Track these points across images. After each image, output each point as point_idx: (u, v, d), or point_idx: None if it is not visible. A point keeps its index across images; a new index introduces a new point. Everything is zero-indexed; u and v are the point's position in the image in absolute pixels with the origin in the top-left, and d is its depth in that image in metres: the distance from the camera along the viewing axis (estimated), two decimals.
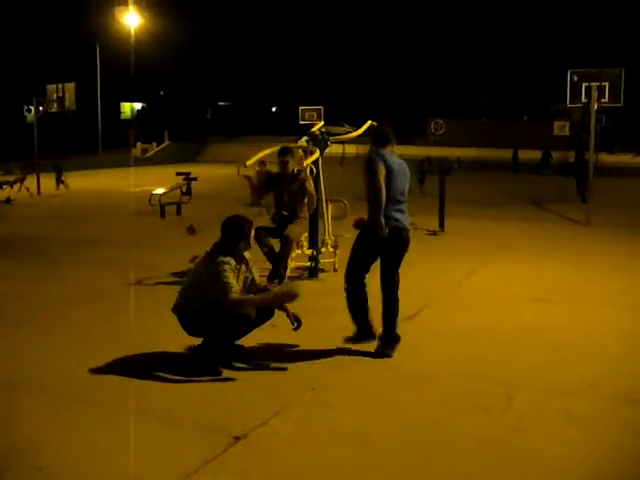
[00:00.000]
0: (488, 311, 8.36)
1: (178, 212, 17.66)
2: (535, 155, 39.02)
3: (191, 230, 13.18)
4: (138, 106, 66.57)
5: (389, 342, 6.63)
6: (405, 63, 67.33)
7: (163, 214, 17.16)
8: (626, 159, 43.01)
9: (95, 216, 16.61)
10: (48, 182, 23.86)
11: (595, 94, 16.44)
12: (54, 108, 25.34)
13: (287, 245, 9.53)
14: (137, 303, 8.49)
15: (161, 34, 51.67)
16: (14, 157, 28.60)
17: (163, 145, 49.78)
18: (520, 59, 64.61)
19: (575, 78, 16.90)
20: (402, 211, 6.63)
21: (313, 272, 10.04)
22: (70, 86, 24.96)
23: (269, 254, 9.50)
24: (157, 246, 12.60)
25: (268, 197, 10.60)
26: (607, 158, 40.24)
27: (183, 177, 19.45)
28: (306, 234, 10.17)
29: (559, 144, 38.43)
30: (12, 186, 20.38)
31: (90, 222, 16.34)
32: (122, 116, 65.25)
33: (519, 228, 15.73)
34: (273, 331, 6.54)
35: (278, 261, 9.51)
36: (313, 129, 10.56)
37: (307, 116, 36.84)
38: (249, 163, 10.60)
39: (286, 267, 9.53)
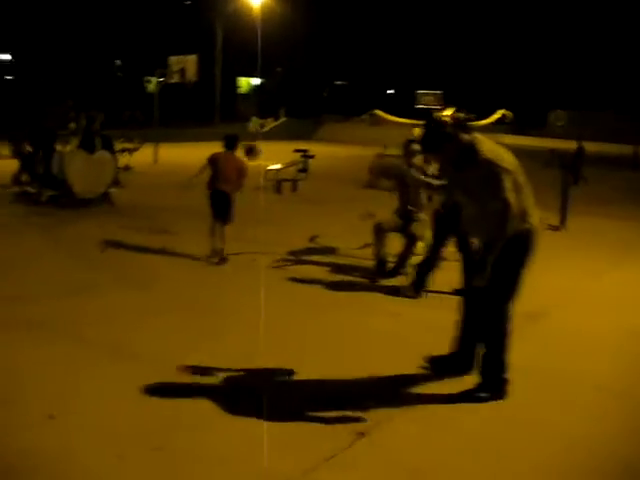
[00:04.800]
0: None
1: (294, 189, 17.47)
2: None
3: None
4: (256, 81, 67.07)
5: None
6: (547, 51, 64.94)
7: (279, 190, 17.00)
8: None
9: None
10: (165, 151, 24.21)
11: None
12: (175, 79, 25.64)
13: (413, 243, 9.10)
14: (249, 280, 8.38)
15: (282, 12, 51.73)
16: (136, 125, 29.02)
17: (279, 121, 49.97)
18: None
19: None
20: None
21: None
22: (192, 58, 25.22)
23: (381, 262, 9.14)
24: (273, 222, 12.43)
25: (383, 183, 10.26)
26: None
27: (301, 154, 19.26)
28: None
29: None
30: (131, 154, 20.70)
31: (203, 193, 16.32)
32: (239, 90, 65.85)
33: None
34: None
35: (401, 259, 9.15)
36: (438, 114, 9.94)
37: (425, 100, 36.22)
38: (381, 114, 10.25)
39: (404, 264, 9.09)
